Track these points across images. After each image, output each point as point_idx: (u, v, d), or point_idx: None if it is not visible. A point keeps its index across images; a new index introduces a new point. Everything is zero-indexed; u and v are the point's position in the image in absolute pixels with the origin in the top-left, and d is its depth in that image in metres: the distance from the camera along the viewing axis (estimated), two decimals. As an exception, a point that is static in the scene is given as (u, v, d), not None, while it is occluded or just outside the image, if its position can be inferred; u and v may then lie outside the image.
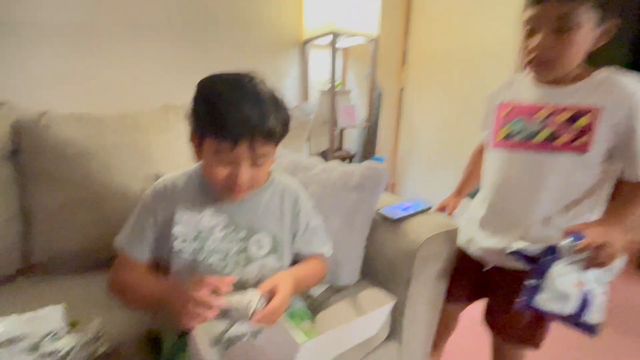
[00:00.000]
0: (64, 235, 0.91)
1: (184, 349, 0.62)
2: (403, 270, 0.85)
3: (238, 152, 0.58)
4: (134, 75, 1.30)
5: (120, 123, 1.01)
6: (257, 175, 0.63)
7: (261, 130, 0.57)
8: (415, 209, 0.93)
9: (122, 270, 0.66)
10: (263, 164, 0.63)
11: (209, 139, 0.59)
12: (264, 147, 0.60)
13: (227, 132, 0.56)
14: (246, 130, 0.56)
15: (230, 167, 0.60)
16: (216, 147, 0.58)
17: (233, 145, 0.57)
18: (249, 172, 0.61)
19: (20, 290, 0.84)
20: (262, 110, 0.58)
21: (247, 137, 0.57)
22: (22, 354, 0.60)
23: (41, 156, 0.91)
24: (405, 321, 0.89)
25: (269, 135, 0.59)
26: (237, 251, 0.67)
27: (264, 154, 0.61)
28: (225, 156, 0.59)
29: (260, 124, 0.57)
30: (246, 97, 0.57)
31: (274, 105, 0.60)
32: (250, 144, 0.58)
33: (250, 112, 0.56)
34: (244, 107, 0.56)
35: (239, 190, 0.62)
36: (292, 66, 1.72)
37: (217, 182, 0.62)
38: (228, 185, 0.62)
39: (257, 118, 0.57)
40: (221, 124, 0.56)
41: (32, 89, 1.13)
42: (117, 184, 0.93)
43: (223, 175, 0.61)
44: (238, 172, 0.60)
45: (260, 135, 0.58)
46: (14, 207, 0.90)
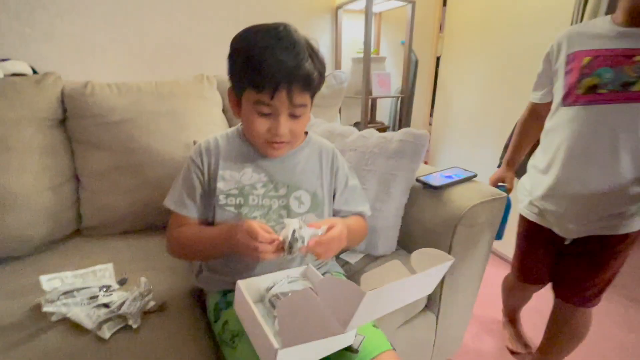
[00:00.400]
0: (109, 199, 0.95)
1: (227, 307, 0.64)
2: (444, 239, 0.82)
3: (277, 100, 0.57)
4: (169, 45, 1.31)
5: (158, 92, 1.02)
6: (295, 129, 0.62)
7: (298, 75, 0.56)
8: (459, 176, 0.88)
9: (176, 228, 0.68)
10: (301, 116, 0.62)
11: (248, 91, 0.59)
12: (301, 96, 0.59)
13: (264, 78, 0.55)
14: (284, 75, 0.55)
15: (270, 119, 0.60)
16: (255, 97, 0.58)
17: (272, 93, 0.56)
18: (288, 123, 0.61)
19: (74, 250, 0.90)
20: (299, 55, 0.56)
21: (285, 83, 0.56)
22: (80, 304, 0.64)
23: (87, 123, 0.94)
24: (444, 292, 0.87)
25: (306, 81, 0.58)
26: (278, 207, 0.67)
27: (302, 103, 0.60)
28: (264, 107, 0.59)
29: (297, 68, 0.56)
30: (281, 43, 0.56)
31: (310, 50, 0.59)
32: (288, 91, 0.57)
33: (286, 57, 0.55)
34: (280, 53, 0.55)
35: (279, 142, 0.62)
36: (324, 33, 1.65)
37: (258, 135, 0.62)
38: (268, 138, 0.62)
39: (293, 62, 0.55)
40: (258, 71, 0.55)
41: (75, 59, 1.16)
42: (157, 150, 0.96)
43: (263, 129, 0.61)
44: (278, 123, 0.59)
45: (297, 81, 0.57)
46: (68, 172, 0.95)
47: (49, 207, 0.88)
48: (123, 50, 1.23)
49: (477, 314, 1.26)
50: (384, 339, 0.59)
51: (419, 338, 0.89)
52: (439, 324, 0.91)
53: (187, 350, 0.59)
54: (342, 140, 0.98)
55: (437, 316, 0.90)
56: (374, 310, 0.35)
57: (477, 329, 1.20)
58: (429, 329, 0.91)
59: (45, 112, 0.91)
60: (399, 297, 0.37)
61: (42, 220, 0.86)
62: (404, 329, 0.84)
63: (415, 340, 0.88)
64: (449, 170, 0.93)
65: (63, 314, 0.62)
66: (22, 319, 0.63)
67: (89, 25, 1.16)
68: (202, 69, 1.37)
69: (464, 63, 1.84)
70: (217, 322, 0.64)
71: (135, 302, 0.65)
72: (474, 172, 0.90)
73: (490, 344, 1.14)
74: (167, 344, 0.59)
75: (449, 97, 1.97)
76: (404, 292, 0.37)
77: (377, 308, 0.36)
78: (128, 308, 0.63)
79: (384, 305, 0.36)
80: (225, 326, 0.60)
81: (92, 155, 0.95)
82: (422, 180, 0.88)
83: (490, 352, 1.11)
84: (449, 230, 0.80)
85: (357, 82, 1.66)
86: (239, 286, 0.53)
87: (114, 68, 1.23)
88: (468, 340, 1.14)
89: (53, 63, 1.13)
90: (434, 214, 0.84)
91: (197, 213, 0.68)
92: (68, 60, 1.15)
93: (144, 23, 1.24)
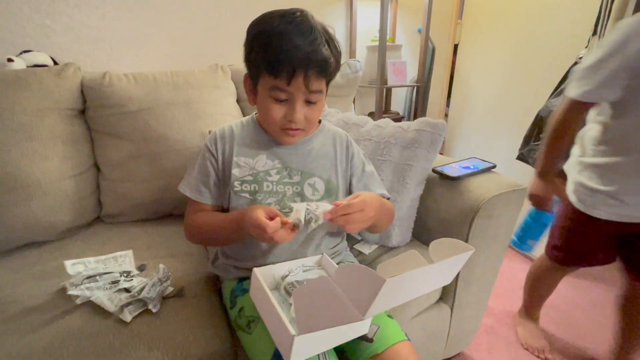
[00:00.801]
0: (128, 187, 0.97)
1: (242, 293, 0.65)
2: (460, 230, 0.80)
3: (293, 86, 0.57)
4: (183, 36, 1.31)
5: (173, 82, 1.03)
6: (310, 115, 0.62)
7: (315, 60, 0.56)
8: (477, 167, 0.86)
9: (193, 213, 0.69)
10: (316, 102, 0.62)
11: (264, 77, 0.59)
12: (317, 82, 0.58)
13: (281, 64, 0.55)
14: (301, 60, 0.55)
15: (286, 106, 0.60)
16: (272, 83, 0.58)
17: (288, 78, 0.56)
18: (303, 110, 0.60)
19: (95, 236, 0.93)
20: (316, 40, 0.56)
21: (302, 69, 0.56)
22: (103, 288, 0.66)
23: (105, 113, 0.96)
24: (459, 284, 0.86)
25: (323, 66, 0.57)
26: (292, 194, 0.67)
27: (318, 89, 0.59)
28: (281, 93, 0.58)
29: (314, 53, 0.55)
30: (298, 28, 0.56)
31: (327, 36, 0.58)
32: (305, 77, 0.56)
33: (303, 42, 0.55)
34: (297, 38, 0.55)
35: (294, 130, 0.62)
36: (339, 20, 1.62)
37: (274, 122, 0.62)
38: (283, 125, 0.62)
39: (310, 48, 0.55)
40: (275, 57, 0.55)
41: (93, 50, 1.18)
42: (173, 140, 0.97)
43: (279, 115, 0.61)
44: (294, 109, 0.59)
45: (314, 67, 0.56)
46: (88, 161, 0.97)
47: (71, 194, 0.91)
48: (139, 40, 1.24)
49: (492, 306, 1.24)
50: (399, 329, 0.59)
51: (432, 329, 0.88)
52: (453, 316, 0.90)
53: (205, 334, 0.61)
54: (357, 129, 0.97)
55: (452, 308, 0.89)
56: (392, 298, 0.35)
57: (492, 322, 1.18)
58: (443, 320, 0.90)
59: (66, 103, 0.93)
60: (418, 286, 0.37)
61: (65, 207, 0.89)
62: (418, 320, 0.83)
63: (429, 332, 0.87)
64: (466, 161, 0.91)
65: (87, 297, 0.64)
66: (48, 300, 0.66)
67: (106, 16, 1.17)
68: (216, 58, 1.37)
69: (483, 51, 1.78)
70: (233, 308, 0.65)
71: (155, 287, 0.67)
72: (493, 163, 0.88)
73: (505, 337, 1.13)
74: (186, 328, 0.60)
75: (467, 86, 1.91)
76: (424, 281, 0.37)
77: (396, 296, 0.36)
78: (148, 293, 0.65)
79: (403, 294, 0.36)
80: (241, 312, 0.61)
81: (110, 145, 0.97)
82: (439, 170, 0.86)
83: (505, 345, 1.10)
84: (466, 222, 0.78)
85: (371, 71, 1.63)
86: (255, 273, 0.53)
87: (131, 58, 1.24)
88: (482, 333, 1.13)
89: (72, 54, 1.15)
90: (451, 205, 0.83)
91: (212, 200, 0.69)
92: (86, 51, 1.17)
93: (159, 13, 1.25)
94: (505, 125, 1.65)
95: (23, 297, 0.67)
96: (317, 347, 0.50)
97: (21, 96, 0.86)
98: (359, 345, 0.56)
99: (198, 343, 0.59)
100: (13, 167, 0.82)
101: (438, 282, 0.39)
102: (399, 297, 0.36)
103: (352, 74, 1.30)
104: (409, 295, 0.37)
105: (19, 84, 0.86)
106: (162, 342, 0.57)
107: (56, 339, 0.56)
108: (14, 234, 0.83)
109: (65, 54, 1.14)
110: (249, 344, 0.58)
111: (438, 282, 0.39)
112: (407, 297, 0.37)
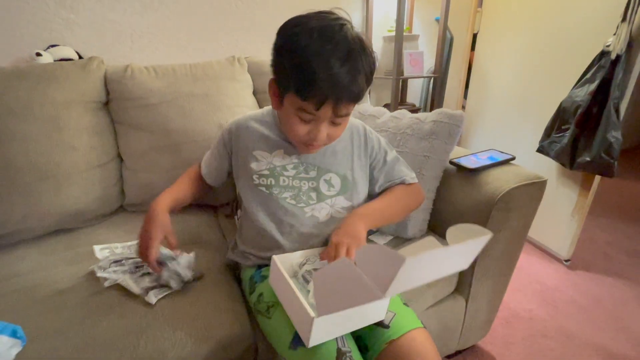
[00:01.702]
0: (149, 177, 1.00)
1: (261, 280, 0.67)
2: (477, 223, 0.78)
3: (322, 111, 0.56)
4: (201, 28, 1.33)
5: (192, 74, 1.05)
6: (333, 133, 0.62)
7: (350, 92, 0.54)
8: (495, 159, 0.84)
9: (191, 167, 0.82)
10: (342, 123, 0.62)
11: (292, 96, 0.56)
12: (347, 108, 0.57)
13: (314, 92, 0.53)
14: (334, 91, 0.53)
15: (310, 125, 0.59)
16: (299, 104, 0.56)
17: (318, 105, 0.54)
18: (327, 129, 0.60)
19: (119, 224, 0.97)
20: (354, 69, 0.53)
21: (333, 99, 0.54)
22: (129, 272, 0.69)
23: (128, 105, 0.99)
24: (475, 276, 0.85)
25: (357, 97, 0.56)
26: (308, 189, 0.68)
27: (346, 113, 0.59)
28: (307, 115, 0.57)
29: (350, 84, 0.53)
30: (337, 53, 0.51)
31: (365, 59, 0.54)
32: (335, 105, 0.55)
33: (340, 71, 0.51)
34: (334, 65, 0.51)
35: (316, 147, 0.63)
36: (355, 11, 1.60)
37: (296, 137, 0.62)
38: (305, 141, 0.62)
39: (347, 78, 0.52)
40: (309, 83, 0.52)
41: (115, 43, 1.22)
42: (193, 131, 0.99)
43: (303, 132, 0.60)
44: (318, 131, 0.59)
45: (347, 98, 0.55)
46: (112, 151, 1.01)
47: (97, 183, 0.94)
48: (158, 32, 1.27)
49: (507, 300, 1.23)
50: (415, 317, 0.60)
51: (447, 321, 0.89)
52: (468, 308, 0.90)
53: (226, 318, 0.63)
54: (374, 121, 0.97)
55: (467, 300, 0.89)
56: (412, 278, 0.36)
57: (507, 316, 1.18)
58: (458, 312, 0.90)
59: (91, 95, 0.96)
60: (436, 268, 0.38)
61: (92, 196, 0.93)
62: (433, 311, 0.84)
63: (443, 323, 0.88)
64: (485, 153, 0.89)
65: (115, 280, 0.67)
66: (78, 282, 0.70)
67: (127, 10, 1.20)
68: (233, 50, 1.39)
69: (503, 40, 1.72)
70: (252, 294, 0.67)
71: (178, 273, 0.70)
72: (512, 155, 0.86)
73: (520, 331, 1.12)
74: (208, 311, 0.63)
75: (485, 77, 1.86)
76: (441, 263, 0.38)
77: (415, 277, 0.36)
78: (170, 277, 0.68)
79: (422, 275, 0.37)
80: (260, 297, 0.63)
81: (132, 136, 1.00)
82: (457, 162, 0.85)
83: (519, 339, 1.09)
84: (484, 214, 0.78)
85: (387, 62, 1.61)
86: (275, 261, 0.55)
87: (150, 50, 1.27)
88: (497, 326, 1.13)
89: (95, 47, 1.19)
90: (468, 196, 0.82)
91: (206, 175, 0.79)
92: (108, 44, 1.20)
93: (178, 6, 1.27)
94: (526, 117, 1.60)
95: (55, 279, 0.71)
96: (335, 331, 0.51)
97: (50, 89, 0.89)
98: (375, 332, 0.57)
99: (220, 326, 0.61)
100: (44, 157, 0.86)
101: (456, 266, 0.40)
102: (417, 278, 0.37)
103: (368, 65, 1.28)
104: (427, 276, 0.38)
105: (47, 77, 0.90)
106: (186, 324, 0.60)
107: (88, 318, 0.60)
108: (45, 221, 0.88)
109: (89, 48, 1.17)
110: (269, 328, 0.60)
111: (456, 266, 0.40)
112: (425, 278, 0.38)
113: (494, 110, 1.81)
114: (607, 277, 1.37)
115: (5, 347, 0.51)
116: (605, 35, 1.18)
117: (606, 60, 1.16)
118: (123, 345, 0.56)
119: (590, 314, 1.19)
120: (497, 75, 1.77)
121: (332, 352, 0.50)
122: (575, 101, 1.23)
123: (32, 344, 0.55)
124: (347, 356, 0.50)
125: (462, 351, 1.04)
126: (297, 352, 0.52)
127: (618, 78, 1.12)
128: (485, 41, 1.83)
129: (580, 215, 1.36)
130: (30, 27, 1.09)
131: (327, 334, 0.50)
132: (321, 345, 0.51)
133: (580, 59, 1.26)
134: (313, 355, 0.50)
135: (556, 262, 1.46)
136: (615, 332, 1.11)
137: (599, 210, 1.82)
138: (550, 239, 1.51)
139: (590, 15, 1.28)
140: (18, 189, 0.84)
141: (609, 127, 1.15)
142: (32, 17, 1.09)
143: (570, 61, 1.35)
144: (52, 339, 0.56)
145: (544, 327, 1.13)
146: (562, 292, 1.29)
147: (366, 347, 0.58)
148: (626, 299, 1.25)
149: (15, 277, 0.73)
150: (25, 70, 0.89)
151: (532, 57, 1.55)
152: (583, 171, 1.27)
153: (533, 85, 1.56)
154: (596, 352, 1.04)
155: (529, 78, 1.58)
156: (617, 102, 1.15)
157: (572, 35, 1.35)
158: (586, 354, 1.04)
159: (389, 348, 0.54)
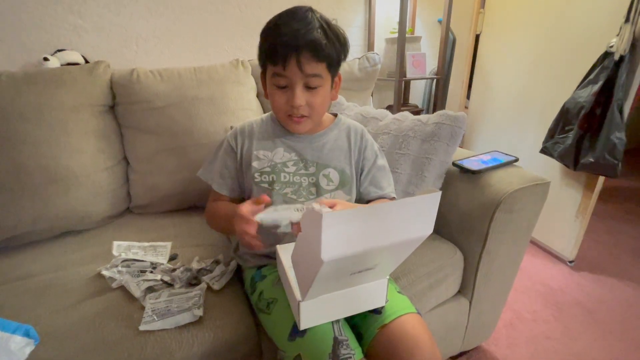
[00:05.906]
0: (155, 180, 1.02)
1: (261, 279, 0.68)
2: (480, 224, 0.80)
3: (289, 70, 0.60)
4: (205, 32, 1.35)
5: (197, 77, 1.06)
6: (312, 101, 0.64)
7: (305, 42, 0.58)
8: (498, 160, 0.85)
9: (212, 201, 0.75)
10: (317, 87, 0.63)
11: (268, 67, 0.63)
12: (311, 65, 0.60)
13: (277, 50, 0.59)
14: (292, 42, 0.58)
15: (288, 92, 0.63)
16: (272, 70, 0.62)
17: (284, 62, 0.59)
18: (303, 95, 0.63)
19: (126, 226, 0.98)
20: (309, 24, 0.59)
21: (294, 51, 0.58)
22: (132, 274, 0.71)
23: (134, 109, 1.01)
24: (478, 278, 0.86)
25: (315, 48, 0.59)
26: (308, 184, 0.70)
27: (314, 73, 0.61)
28: (280, 79, 0.62)
29: (304, 35, 0.58)
30: (295, 19, 0.60)
31: (324, 24, 0.61)
32: (297, 59, 0.59)
33: (296, 26, 0.58)
34: (292, 24, 0.59)
35: (297, 115, 0.65)
36: (357, 13, 1.61)
37: (279, 109, 0.66)
38: (288, 111, 0.65)
39: (303, 30, 0.58)
40: (272, 44, 0.60)
41: (121, 47, 1.23)
42: (198, 134, 1.01)
43: (282, 101, 0.64)
44: (294, 94, 0.62)
45: (305, 48, 0.58)
46: (119, 154, 1.03)
47: (104, 186, 0.96)
48: (163, 36, 1.28)
49: (511, 302, 1.23)
50: (409, 303, 0.61)
51: (450, 322, 0.89)
52: (472, 310, 0.91)
53: (231, 319, 0.64)
54: (376, 123, 0.97)
55: (470, 302, 0.90)
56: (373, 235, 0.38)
57: (511, 317, 1.18)
58: (462, 314, 0.90)
59: (98, 99, 0.98)
60: (397, 227, 0.39)
61: (99, 198, 0.95)
62: (436, 312, 0.84)
63: (447, 324, 0.88)
64: (488, 154, 0.90)
65: (121, 281, 0.69)
66: (88, 283, 0.71)
67: (133, 15, 1.22)
68: (237, 53, 1.41)
69: (506, 40, 1.72)
70: (253, 293, 0.68)
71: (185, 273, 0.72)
72: (515, 157, 0.87)
73: (524, 332, 1.12)
74: (213, 313, 0.64)
75: (488, 78, 1.86)
76: (401, 222, 0.39)
77: (377, 234, 0.39)
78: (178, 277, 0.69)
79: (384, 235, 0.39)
80: (260, 296, 0.65)
81: (139, 139, 1.02)
82: (459, 164, 0.86)
83: (523, 341, 1.09)
84: (486, 216, 0.78)
85: (390, 64, 1.62)
86: (278, 250, 0.59)
87: (156, 54, 1.29)
88: (501, 327, 1.13)
89: (102, 52, 1.20)
90: (471, 198, 0.82)
91: (228, 191, 0.74)
92: (114, 48, 1.22)
93: (182, 11, 1.28)
94: (529, 118, 1.60)
95: (65, 280, 0.72)
96: (327, 314, 0.53)
97: (58, 93, 0.91)
98: (368, 319, 0.58)
99: (226, 327, 0.62)
100: (53, 161, 0.88)
101: (420, 230, 0.41)
102: (381, 236, 0.39)
103: (370, 67, 1.29)
104: (391, 236, 0.40)
105: (56, 82, 0.92)
106: (191, 325, 0.61)
107: (97, 318, 0.61)
108: (54, 223, 0.89)
109: (96, 52, 1.19)
110: (269, 323, 0.62)
111: (420, 230, 0.41)
112: (389, 238, 0.40)
113: (497, 111, 1.81)
114: (612, 278, 1.36)
115: (19, 347, 0.53)
116: (608, 36, 1.18)
117: (610, 61, 1.16)
118: (131, 345, 0.57)
119: (594, 316, 1.18)
120: (500, 76, 1.77)
121: (329, 340, 0.52)
122: (578, 102, 1.23)
123: (43, 344, 0.57)
124: (343, 344, 0.51)
125: (466, 352, 1.05)
126: (295, 343, 0.54)
127: (622, 79, 1.12)
128: (488, 42, 1.83)
129: (584, 216, 1.36)
130: (39, 32, 1.11)
131: (320, 317, 0.52)
132: (318, 334, 0.52)
133: (583, 59, 1.26)
134: (310, 344, 0.52)
135: (560, 263, 1.46)
136: (620, 333, 1.11)
137: (603, 211, 1.82)
138: (554, 240, 1.51)
139: (594, 16, 1.28)
140: (28, 192, 0.85)
141: (613, 128, 1.14)
142: (40, 22, 1.11)
143: (573, 62, 1.34)
144: (62, 339, 0.58)
145: (548, 328, 1.13)
146: (566, 294, 1.28)
147: (361, 334, 0.59)
148: (631, 300, 1.25)
149: (27, 278, 0.74)
150: (34, 75, 0.91)
151: (535, 58, 1.55)
152: (587, 172, 1.27)
153: (536, 86, 1.56)
154: (601, 354, 1.04)
155: (532, 79, 1.58)
156: (621, 102, 1.15)
157: (575, 36, 1.35)
158: (591, 356, 1.03)
159: (381, 333, 0.55)
